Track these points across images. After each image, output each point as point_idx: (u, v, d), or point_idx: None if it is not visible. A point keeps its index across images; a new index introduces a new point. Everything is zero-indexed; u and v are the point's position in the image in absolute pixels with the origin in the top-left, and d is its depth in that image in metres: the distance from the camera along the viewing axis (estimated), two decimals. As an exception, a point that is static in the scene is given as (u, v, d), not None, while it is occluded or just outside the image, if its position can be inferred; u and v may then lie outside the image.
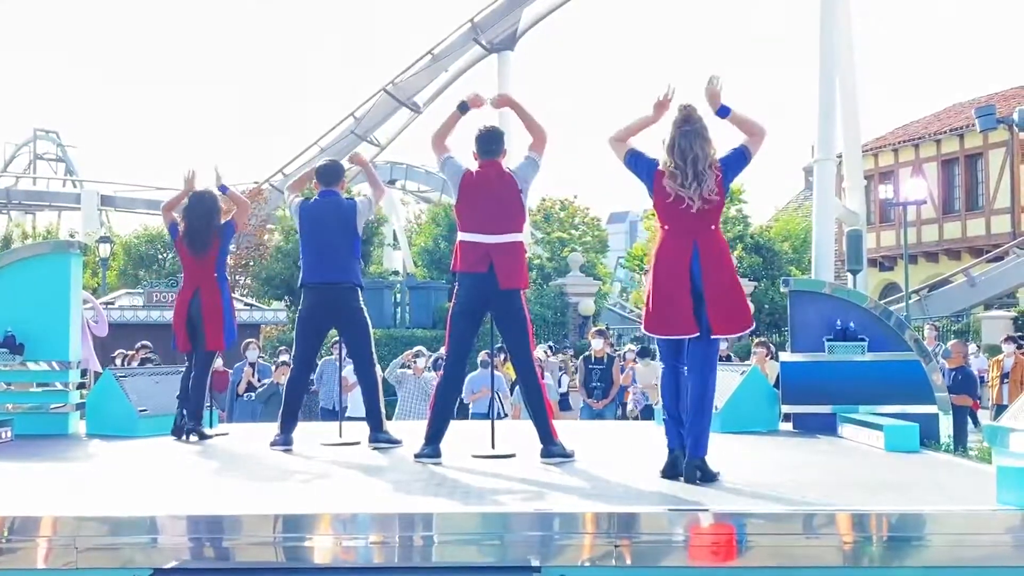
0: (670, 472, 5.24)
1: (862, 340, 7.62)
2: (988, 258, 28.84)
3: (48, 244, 8.31)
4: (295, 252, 6.34)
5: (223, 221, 7.59)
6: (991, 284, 26.90)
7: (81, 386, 8.14)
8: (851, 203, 27.18)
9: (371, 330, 7.07)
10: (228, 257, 8.17)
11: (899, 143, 33.21)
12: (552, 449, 6.02)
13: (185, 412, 7.41)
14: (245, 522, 4.32)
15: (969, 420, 10.98)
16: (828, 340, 7.65)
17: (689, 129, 5.24)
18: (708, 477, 5.13)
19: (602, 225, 39.79)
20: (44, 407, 7.85)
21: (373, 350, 7.07)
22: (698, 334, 5.21)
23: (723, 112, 5.32)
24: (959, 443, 8.18)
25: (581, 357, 13.25)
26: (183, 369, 7.71)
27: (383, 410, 7.02)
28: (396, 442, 6.83)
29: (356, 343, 7.03)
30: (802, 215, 35.36)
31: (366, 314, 7.00)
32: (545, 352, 14.98)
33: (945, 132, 31.89)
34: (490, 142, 6.18)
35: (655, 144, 5.40)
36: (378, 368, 7.27)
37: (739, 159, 5.37)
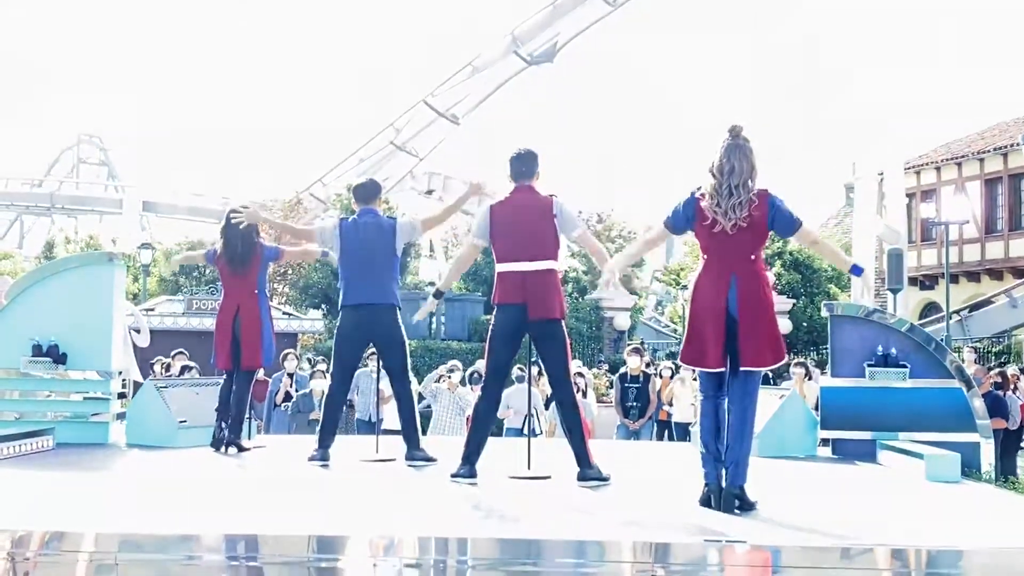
0: (706, 504, 5.19)
1: (904, 367, 7.54)
2: (1031, 279, 28.41)
3: (91, 256, 8.43)
4: (333, 261, 6.44)
5: (267, 244, 7.69)
6: (1034, 305, 26.50)
7: (122, 396, 8.22)
8: (892, 221, 26.91)
9: (408, 349, 7.09)
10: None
11: (941, 161, 32.83)
12: (588, 472, 6.00)
13: (223, 425, 7.47)
14: (280, 542, 4.34)
15: None
16: (869, 366, 7.58)
17: (731, 143, 5.21)
18: (746, 506, 5.09)
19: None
20: (85, 416, 7.95)
21: (409, 368, 7.10)
22: (737, 367, 5.16)
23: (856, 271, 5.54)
24: (1003, 470, 8.10)
25: (617, 375, 13.18)
26: (222, 381, 7.76)
27: (419, 427, 7.04)
28: (431, 460, 6.85)
29: (394, 362, 7.06)
30: (842, 232, 35.05)
31: (404, 333, 7.03)
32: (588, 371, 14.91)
33: (988, 151, 31.49)
34: (522, 164, 6.16)
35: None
36: (414, 382, 7.29)
37: (788, 224, 5.27)
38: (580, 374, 13.10)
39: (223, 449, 7.41)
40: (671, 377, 13.27)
